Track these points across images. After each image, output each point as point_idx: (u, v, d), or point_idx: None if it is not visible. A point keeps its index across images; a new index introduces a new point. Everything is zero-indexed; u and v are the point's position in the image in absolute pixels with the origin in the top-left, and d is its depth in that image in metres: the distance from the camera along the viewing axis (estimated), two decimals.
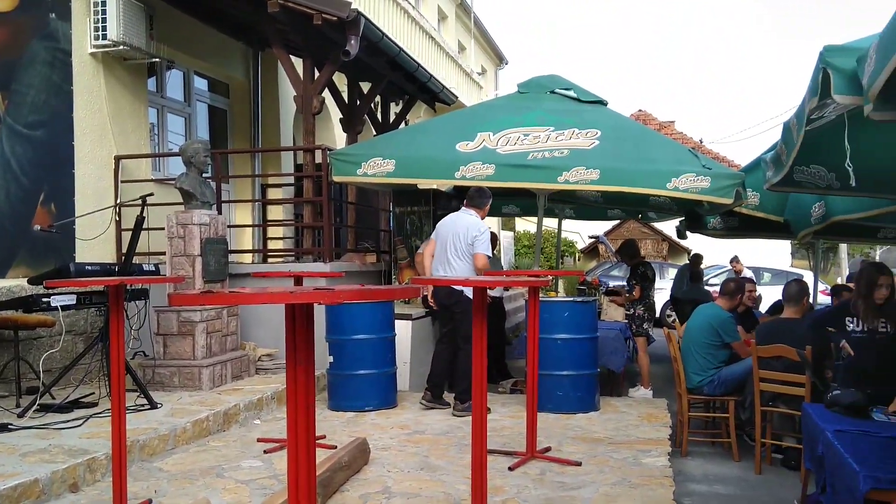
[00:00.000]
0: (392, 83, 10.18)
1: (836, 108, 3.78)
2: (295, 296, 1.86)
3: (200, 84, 9.96)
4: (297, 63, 8.55)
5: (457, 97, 12.43)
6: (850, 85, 3.05)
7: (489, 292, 6.77)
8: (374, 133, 10.64)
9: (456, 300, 6.29)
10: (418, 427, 5.92)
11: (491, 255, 6.64)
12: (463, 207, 6.60)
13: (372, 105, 10.59)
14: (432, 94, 11.17)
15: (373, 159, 7.18)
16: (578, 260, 25.39)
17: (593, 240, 24.30)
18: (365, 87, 10.30)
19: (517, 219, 24.34)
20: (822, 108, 3.64)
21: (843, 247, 22.82)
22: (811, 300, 7.29)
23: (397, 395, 6.78)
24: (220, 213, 7.55)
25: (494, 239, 8.21)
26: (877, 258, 25.45)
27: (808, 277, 11.00)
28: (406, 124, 11.66)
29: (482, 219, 6.54)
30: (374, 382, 6.52)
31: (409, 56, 9.67)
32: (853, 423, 3.67)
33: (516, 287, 11.55)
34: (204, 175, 7.08)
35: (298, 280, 5.55)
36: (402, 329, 7.23)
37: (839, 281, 18.43)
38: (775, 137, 4.68)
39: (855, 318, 4.81)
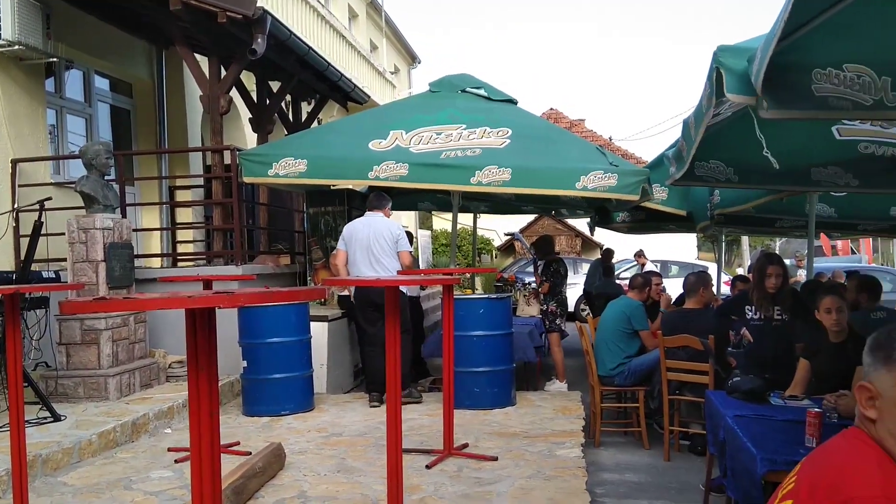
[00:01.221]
0: (302, 82, 10.05)
1: (731, 105, 3.93)
2: (193, 300, 1.82)
3: (102, 84, 9.60)
4: (203, 62, 8.35)
5: (369, 96, 12.40)
6: (742, 84, 3.15)
7: (407, 292, 6.82)
8: (286, 133, 10.49)
9: None
10: (335, 429, 5.87)
11: (412, 251, 6.89)
12: (368, 212, 6.92)
13: (282, 104, 10.44)
14: (344, 93, 11.09)
15: (284, 159, 7.05)
16: (495, 257, 25.63)
17: (509, 237, 24.56)
18: (275, 86, 10.15)
19: (434, 217, 24.42)
20: (720, 106, 3.77)
21: (745, 239, 23.72)
22: (715, 291, 7.56)
23: (314, 398, 6.70)
24: (124, 216, 7.31)
25: (410, 237, 8.28)
26: (776, 249, 26.56)
27: (713, 269, 11.42)
28: (318, 124, 11.55)
29: (389, 218, 6.90)
30: (289, 386, 6.44)
31: (318, 55, 9.58)
32: (752, 408, 3.80)
33: (433, 285, 11.59)
34: (106, 177, 6.87)
35: (208, 284, 5.45)
36: (319, 331, 7.15)
37: (740, 272, 19.17)
38: (679, 133, 4.83)
39: (752, 307, 5.02)
